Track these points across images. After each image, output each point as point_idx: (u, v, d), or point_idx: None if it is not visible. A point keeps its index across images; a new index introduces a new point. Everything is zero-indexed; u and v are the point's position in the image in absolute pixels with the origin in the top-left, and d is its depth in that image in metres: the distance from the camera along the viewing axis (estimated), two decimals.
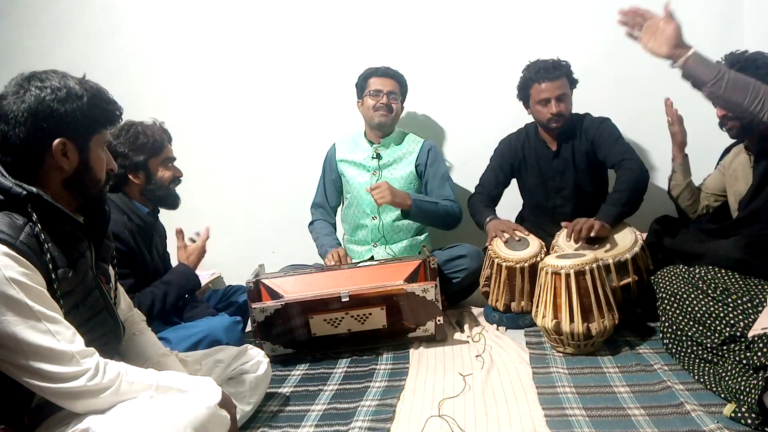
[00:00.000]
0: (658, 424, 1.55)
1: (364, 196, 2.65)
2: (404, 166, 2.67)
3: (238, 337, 2.14)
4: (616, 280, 2.14)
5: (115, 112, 1.36)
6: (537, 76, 2.45)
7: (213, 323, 2.08)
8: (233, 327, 2.15)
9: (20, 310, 1.14)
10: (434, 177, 2.65)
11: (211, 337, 2.00)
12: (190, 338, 1.96)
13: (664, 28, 1.74)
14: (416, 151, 2.68)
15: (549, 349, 2.12)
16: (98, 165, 1.35)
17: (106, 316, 1.40)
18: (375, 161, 2.66)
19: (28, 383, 1.18)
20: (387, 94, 2.63)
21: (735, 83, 1.68)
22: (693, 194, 2.40)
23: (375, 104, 2.62)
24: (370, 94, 2.63)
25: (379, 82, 2.64)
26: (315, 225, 2.74)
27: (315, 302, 2.17)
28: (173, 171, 2.18)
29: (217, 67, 3.08)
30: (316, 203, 2.80)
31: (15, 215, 1.20)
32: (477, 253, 2.56)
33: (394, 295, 2.18)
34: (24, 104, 1.22)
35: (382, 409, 1.78)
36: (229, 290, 2.55)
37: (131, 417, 1.20)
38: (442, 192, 2.62)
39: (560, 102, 2.43)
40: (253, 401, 1.77)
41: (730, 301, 1.74)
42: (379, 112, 2.62)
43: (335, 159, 2.76)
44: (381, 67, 2.68)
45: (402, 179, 2.65)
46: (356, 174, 2.70)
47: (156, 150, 2.10)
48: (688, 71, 1.74)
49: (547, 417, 1.64)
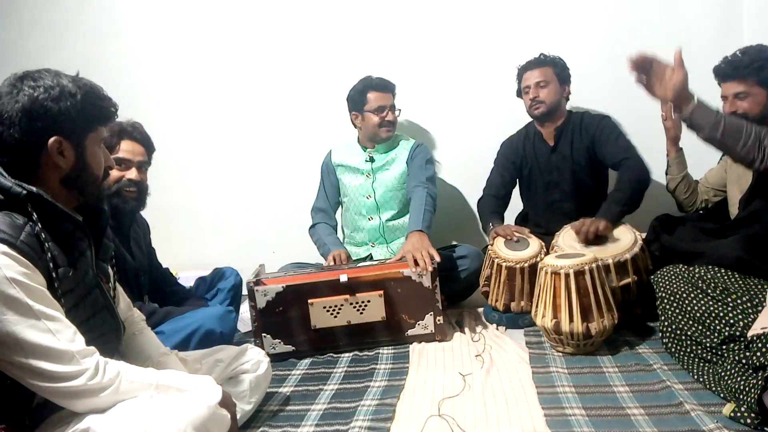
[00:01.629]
0: (658, 423, 1.55)
1: (360, 198, 2.67)
2: (396, 166, 2.68)
3: (232, 326, 2.14)
4: (616, 280, 2.14)
5: (110, 109, 1.35)
6: (524, 68, 2.57)
7: (205, 314, 2.07)
8: (226, 316, 2.14)
9: (20, 309, 1.14)
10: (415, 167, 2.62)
11: (204, 327, 1.99)
12: (183, 330, 1.95)
13: (672, 76, 1.78)
14: (407, 150, 2.69)
15: (549, 349, 2.12)
16: (95, 162, 1.35)
17: (106, 315, 1.40)
18: (369, 164, 2.67)
19: (28, 382, 1.18)
20: (390, 109, 2.61)
21: (731, 128, 1.74)
22: (690, 187, 2.44)
23: (380, 121, 2.60)
24: (374, 111, 2.60)
25: (380, 98, 2.61)
26: (317, 228, 2.74)
27: (315, 285, 2.22)
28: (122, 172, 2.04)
29: (217, 68, 3.09)
30: (318, 207, 2.79)
31: (15, 215, 1.21)
32: (477, 253, 2.56)
33: (392, 279, 2.22)
34: (18, 104, 1.23)
35: (382, 408, 1.78)
36: (216, 275, 2.52)
37: (131, 416, 1.19)
38: (420, 176, 2.58)
39: (539, 88, 2.50)
40: (254, 400, 1.76)
41: (729, 300, 1.74)
42: (384, 128, 2.61)
43: (332, 163, 2.77)
44: (377, 80, 2.64)
45: (395, 179, 2.66)
46: (352, 178, 2.71)
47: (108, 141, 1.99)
48: (692, 121, 1.78)
49: (547, 416, 1.64)
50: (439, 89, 2.93)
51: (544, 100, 2.50)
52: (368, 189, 2.67)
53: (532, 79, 2.52)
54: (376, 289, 2.23)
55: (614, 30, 2.78)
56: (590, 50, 2.74)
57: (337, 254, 2.53)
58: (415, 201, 2.50)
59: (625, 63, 2.74)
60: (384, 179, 2.66)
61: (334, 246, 2.61)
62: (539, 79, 2.50)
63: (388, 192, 2.66)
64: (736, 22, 2.67)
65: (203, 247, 3.17)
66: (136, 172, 2.06)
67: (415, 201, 2.51)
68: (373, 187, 2.66)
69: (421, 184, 2.54)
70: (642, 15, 2.75)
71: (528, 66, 2.55)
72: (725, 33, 2.65)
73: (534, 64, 2.54)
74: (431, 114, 2.98)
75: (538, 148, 2.62)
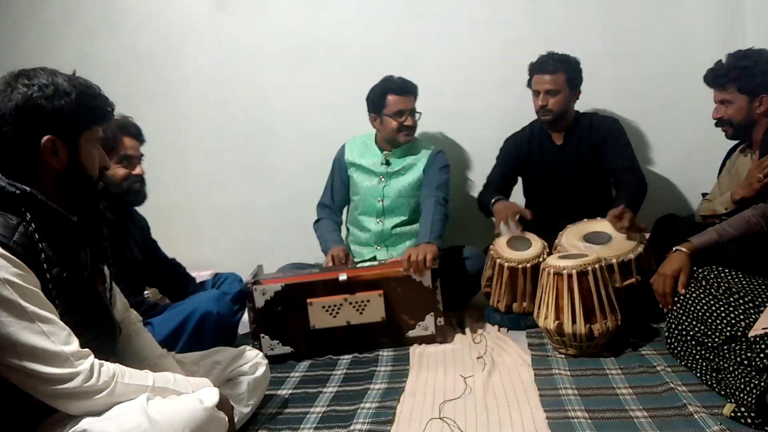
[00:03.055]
0: (661, 426, 1.54)
1: (371, 200, 2.64)
2: (412, 173, 2.62)
3: (229, 308, 2.14)
4: (619, 281, 2.12)
5: (106, 108, 1.34)
6: (538, 66, 2.50)
7: (200, 297, 2.08)
8: (222, 297, 2.15)
9: (14, 311, 1.13)
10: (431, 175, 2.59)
11: (200, 310, 1.99)
12: (177, 316, 1.96)
13: None
14: (425, 158, 2.62)
15: (551, 351, 2.11)
16: (90, 162, 1.34)
17: (102, 316, 1.39)
18: (384, 167, 2.63)
19: (22, 384, 1.17)
20: (410, 114, 2.55)
21: (733, 228, 1.87)
22: None
23: (399, 125, 2.54)
24: (393, 115, 2.54)
25: (400, 102, 2.53)
26: (320, 223, 2.71)
27: (314, 284, 2.21)
28: (129, 169, 2.08)
29: (216, 67, 3.07)
30: (323, 203, 2.76)
31: (8, 215, 1.20)
32: (479, 254, 2.55)
33: (391, 279, 2.21)
34: (12, 102, 1.22)
35: (382, 411, 1.77)
36: (218, 279, 2.53)
37: (128, 418, 1.18)
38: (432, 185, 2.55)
39: (549, 96, 2.45)
40: (252, 403, 1.75)
41: (732, 300, 1.72)
42: (403, 132, 2.56)
43: (344, 160, 2.72)
44: (397, 81, 2.56)
45: (408, 186, 2.62)
46: (364, 178, 2.67)
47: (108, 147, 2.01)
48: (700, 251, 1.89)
49: (549, 419, 1.63)
50: (441, 88, 2.91)
51: (552, 110, 2.47)
52: (379, 192, 2.62)
53: (542, 84, 2.46)
54: (375, 289, 2.22)
55: (614, 30, 2.77)
56: (590, 50, 2.72)
57: (336, 252, 2.50)
58: (426, 210, 2.48)
59: (625, 63, 2.73)
60: (397, 185, 2.61)
61: (334, 243, 2.58)
62: (549, 87, 2.45)
63: (399, 198, 2.61)
64: (738, 22, 2.66)
65: (202, 247, 3.15)
66: (140, 167, 2.11)
67: (425, 210, 2.49)
68: (384, 192, 2.62)
69: (432, 193, 2.52)
70: (645, 15, 2.74)
71: (542, 68, 2.48)
72: (727, 34, 2.65)
73: (547, 69, 2.46)
74: (433, 114, 2.95)
75: (545, 147, 2.60)
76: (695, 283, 1.85)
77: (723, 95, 2.12)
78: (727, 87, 2.09)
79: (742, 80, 2.05)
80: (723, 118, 2.14)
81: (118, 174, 2.06)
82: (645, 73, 2.76)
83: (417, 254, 2.21)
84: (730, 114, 2.11)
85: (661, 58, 2.73)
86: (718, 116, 2.16)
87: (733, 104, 2.10)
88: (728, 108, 2.12)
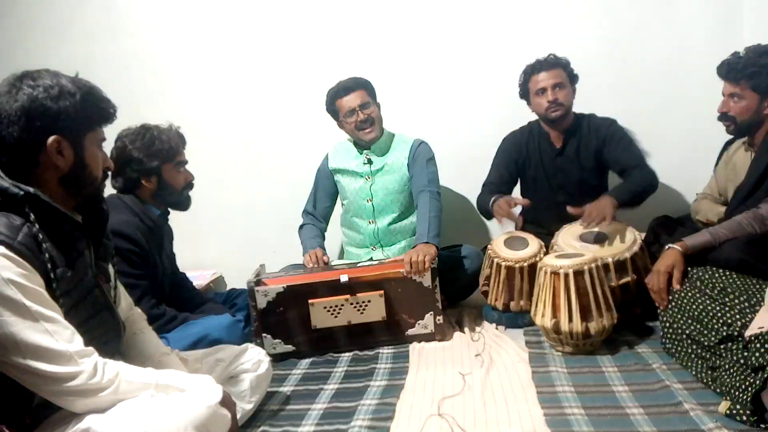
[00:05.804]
0: (657, 423, 1.55)
1: (360, 201, 2.64)
2: (396, 170, 2.62)
3: (239, 336, 2.14)
4: (615, 280, 2.14)
5: (109, 110, 1.35)
6: (533, 69, 2.50)
7: (213, 322, 2.08)
8: (234, 326, 2.15)
9: (18, 310, 1.14)
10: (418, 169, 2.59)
11: (211, 336, 1.99)
12: (188, 338, 1.96)
13: None
14: (406, 151, 2.63)
15: (548, 348, 2.12)
16: (94, 162, 1.35)
17: (106, 315, 1.40)
18: (367, 166, 2.63)
19: (27, 383, 1.19)
20: (360, 108, 2.54)
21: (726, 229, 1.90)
22: None
23: (355, 123, 2.55)
24: (346, 117, 2.56)
25: (347, 101, 2.54)
26: (303, 229, 2.73)
27: (315, 285, 2.24)
28: (185, 175, 2.18)
29: (217, 67, 3.08)
30: (306, 210, 2.78)
31: (12, 215, 1.20)
32: (477, 253, 2.56)
33: (392, 279, 2.24)
34: (17, 103, 1.22)
35: (382, 407, 1.78)
36: (232, 294, 2.55)
37: (132, 416, 1.20)
38: (422, 179, 2.56)
39: (557, 90, 2.45)
40: (254, 400, 1.77)
41: (727, 300, 1.74)
42: (364, 130, 2.56)
43: (329, 169, 2.73)
44: (341, 84, 2.57)
45: (395, 183, 2.61)
46: (351, 181, 2.67)
47: (170, 155, 2.10)
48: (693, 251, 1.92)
49: (547, 416, 1.64)
50: (437, 88, 2.93)
51: (563, 103, 2.46)
52: (367, 192, 2.63)
53: (548, 80, 2.45)
54: (376, 289, 2.23)
55: (614, 30, 2.78)
56: (590, 50, 2.73)
57: (312, 254, 2.53)
58: (421, 208, 2.49)
59: (625, 63, 2.74)
60: (383, 183, 2.62)
61: (311, 246, 2.59)
62: (556, 81, 2.45)
63: (388, 196, 2.62)
64: (736, 21, 2.67)
65: (204, 247, 3.16)
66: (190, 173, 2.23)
67: (421, 208, 2.50)
68: (372, 191, 2.63)
69: (424, 188, 2.52)
70: (642, 15, 2.75)
71: (540, 67, 2.48)
72: (725, 33, 2.65)
73: (547, 65, 2.47)
74: (429, 113, 2.97)
75: (544, 149, 2.60)
76: (690, 283, 1.86)
77: (734, 89, 2.04)
78: (740, 82, 2.01)
79: (758, 78, 1.97)
80: (728, 113, 2.07)
81: (181, 180, 2.14)
82: (640, 74, 2.76)
83: (417, 256, 2.24)
84: (737, 110, 2.04)
85: (656, 59, 2.74)
86: (724, 110, 2.08)
87: (742, 100, 2.02)
88: (736, 104, 2.04)
